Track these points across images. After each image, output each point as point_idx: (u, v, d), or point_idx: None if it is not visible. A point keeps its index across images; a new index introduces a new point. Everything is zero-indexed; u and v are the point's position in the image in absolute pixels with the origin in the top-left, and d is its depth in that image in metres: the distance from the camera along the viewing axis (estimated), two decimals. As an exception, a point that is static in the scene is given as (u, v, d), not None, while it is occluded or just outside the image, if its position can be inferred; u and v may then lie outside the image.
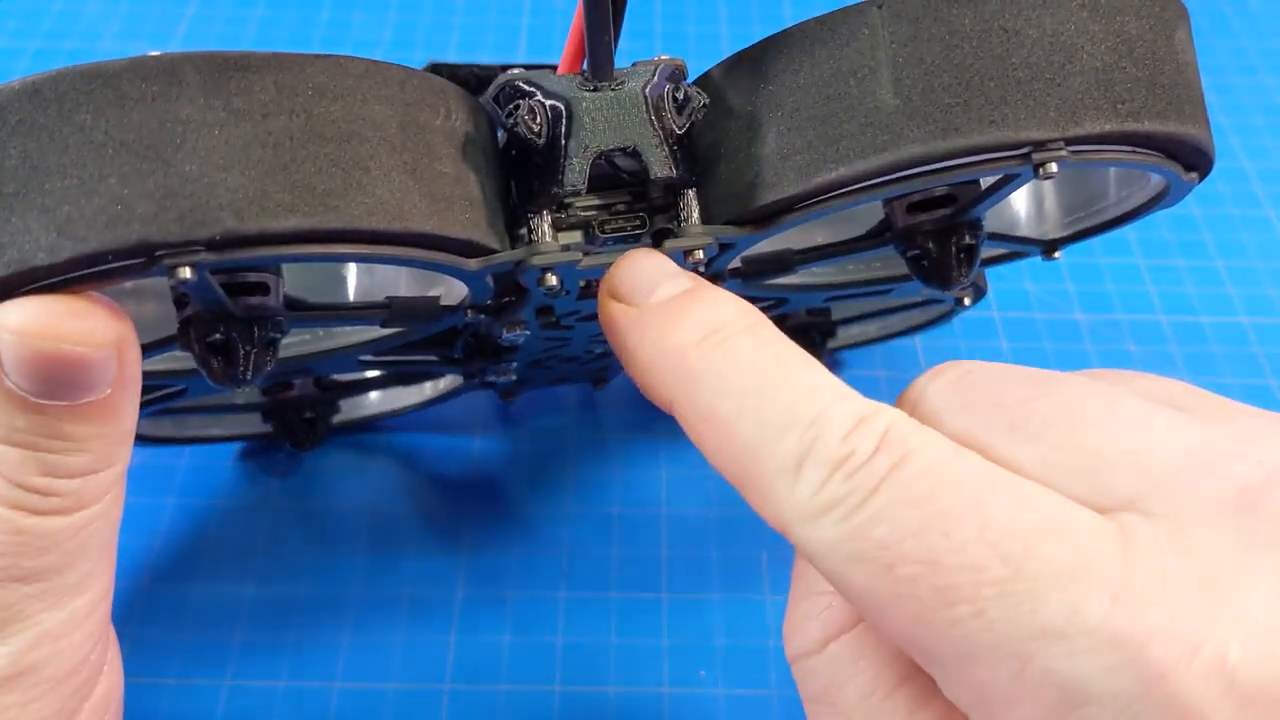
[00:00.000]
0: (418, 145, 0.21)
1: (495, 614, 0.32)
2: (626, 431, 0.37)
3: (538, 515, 0.35)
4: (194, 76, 0.19)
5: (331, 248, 0.20)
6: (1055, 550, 0.16)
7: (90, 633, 0.21)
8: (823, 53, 0.22)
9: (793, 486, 0.18)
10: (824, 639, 0.21)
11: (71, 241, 0.18)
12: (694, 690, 0.31)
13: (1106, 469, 0.18)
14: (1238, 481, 0.17)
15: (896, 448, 0.18)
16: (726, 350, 0.20)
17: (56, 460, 0.19)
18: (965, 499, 0.17)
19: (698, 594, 0.33)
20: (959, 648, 0.17)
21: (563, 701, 0.31)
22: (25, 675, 0.20)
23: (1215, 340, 0.41)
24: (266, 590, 0.33)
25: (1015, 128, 0.21)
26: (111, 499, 0.21)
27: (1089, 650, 0.16)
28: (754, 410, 0.19)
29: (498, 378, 0.33)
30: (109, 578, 0.22)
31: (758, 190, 0.22)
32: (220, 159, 0.19)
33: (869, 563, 0.17)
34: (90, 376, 0.19)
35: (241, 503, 0.35)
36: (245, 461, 0.36)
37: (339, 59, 0.20)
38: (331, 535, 0.34)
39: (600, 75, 0.22)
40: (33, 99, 0.18)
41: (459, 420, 0.37)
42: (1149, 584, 0.16)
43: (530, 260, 0.22)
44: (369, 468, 0.36)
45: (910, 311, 0.37)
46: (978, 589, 0.16)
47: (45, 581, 0.20)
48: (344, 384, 0.35)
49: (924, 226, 0.26)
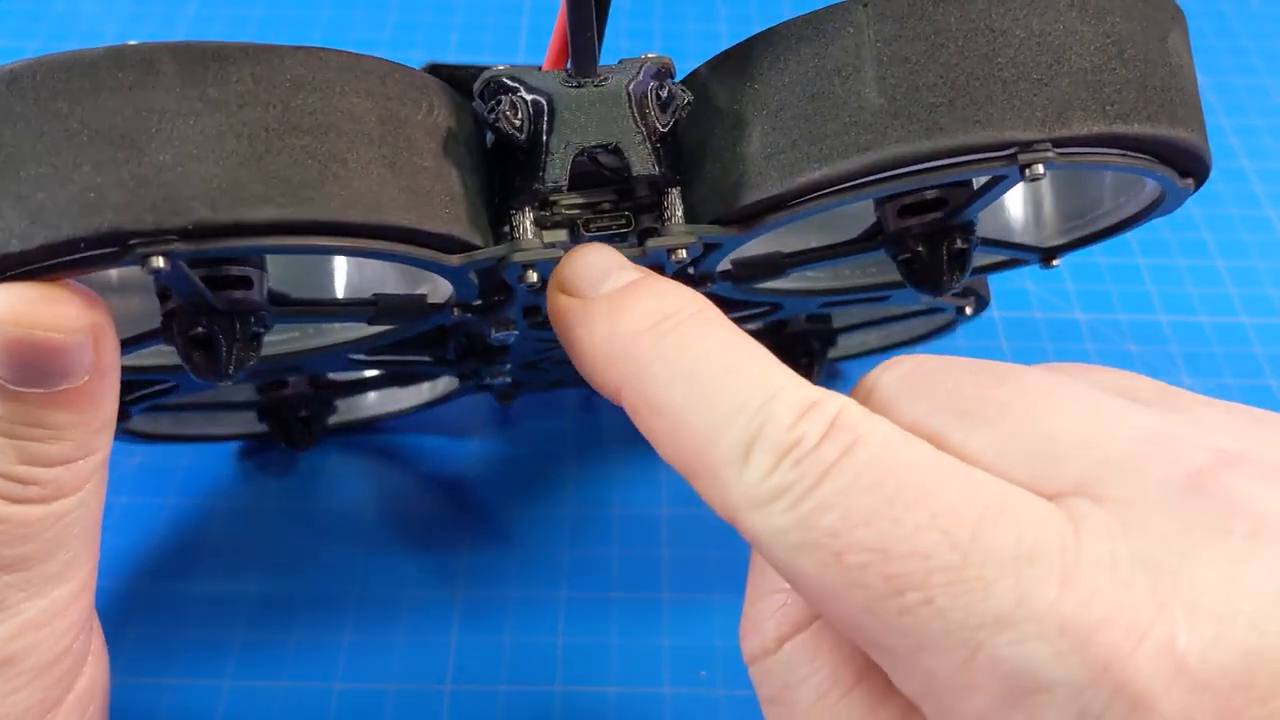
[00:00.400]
0: (397, 139, 0.21)
1: (495, 614, 0.32)
2: (626, 432, 0.37)
3: (538, 516, 0.35)
4: (171, 66, 0.19)
5: (306, 239, 0.20)
6: (1004, 536, 0.16)
7: (73, 621, 0.21)
8: (808, 51, 0.21)
9: (740, 473, 0.18)
10: (779, 639, 0.20)
11: (44, 229, 0.18)
12: (694, 691, 0.31)
13: (1058, 456, 0.18)
14: (1187, 466, 0.17)
15: (845, 434, 0.18)
16: (676, 337, 0.20)
17: (35, 448, 0.19)
18: (914, 485, 0.17)
19: (698, 594, 0.33)
20: (909, 637, 0.17)
21: (563, 701, 0.31)
22: (7, 665, 0.20)
23: (1215, 340, 0.41)
24: (266, 590, 0.33)
25: (1001, 128, 0.21)
26: (92, 487, 0.21)
27: (1038, 637, 0.16)
28: (702, 396, 0.19)
29: (492, 379, 0.33)
30: (91, 566, 0.22)
31: (742, 190, 0.22)
32: (194, 149, 0.18)
33: (817, 551, 0.17)
34: (66, 363, 0.19)
35: (241, 503, 0.35)
36: (245, 462, 0.36)
37: (319, 51, 0.20)
38: (331, 535, 0.34)
39: (583, 72, 0.22)
40: (10, 87, 0.18)
41: (459, 421, 0.37)
42: (1098, 569, 0.16)
43: (512, 257, 0.22)
44: (369, 468, 0.36)
45: (911, 321, 0.37)
46: (927, 576, 0.16)
47: (26, 570, 0.20)
48: (339, 384, 0.35)
49: (915, 230, 0.25)
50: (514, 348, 0.29)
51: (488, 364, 0.31)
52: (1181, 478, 0.17)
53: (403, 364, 0.32)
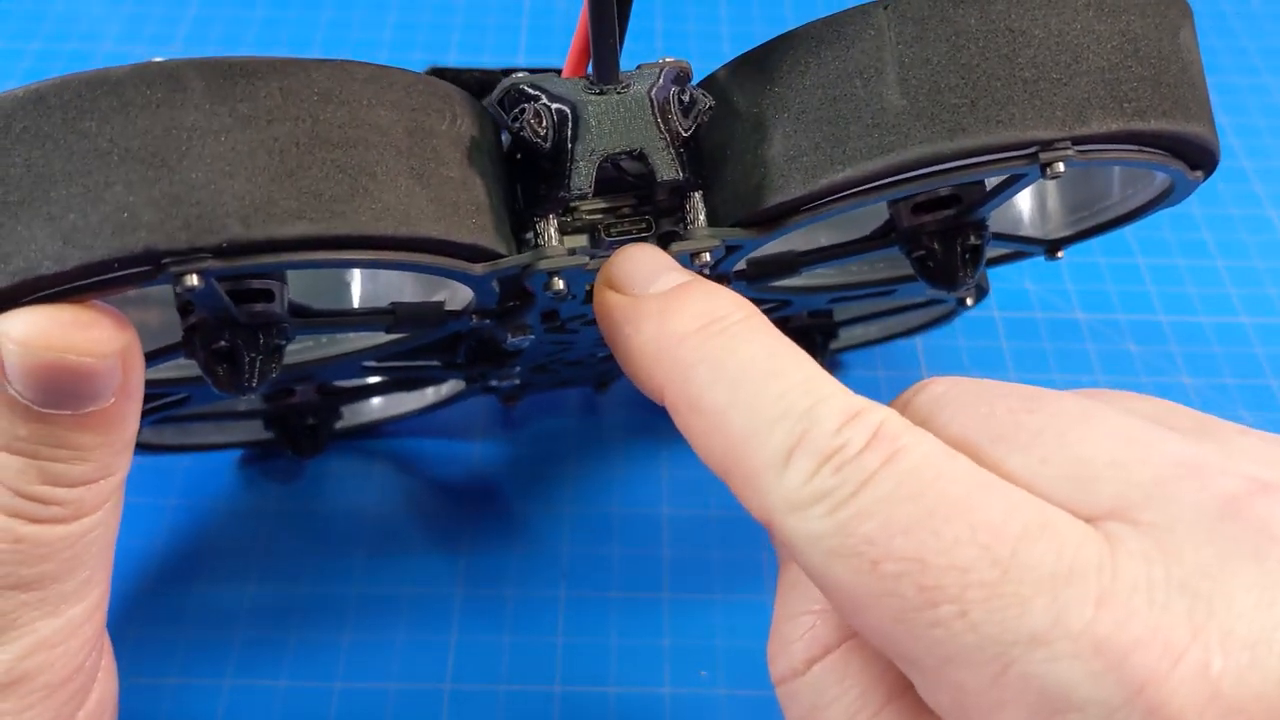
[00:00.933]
0: (424, 150, 0.21)
1: (495, 614, 0.32)
2: (627, 432, 0.37)
3: (538, 515, 0.35)
4: (199, 82, 0.19)
5: (339, 254, 0.20)
6: (1044, 554, 0.16)
7: (86, 640, 0.21)
8: (829, 54, 0.22)
9: (780, 476, 0.18)
10: (808, 660, 0.20)
11: (78, 250, 0.18)
12: (695, 691, 0.31)
13: (1093, 479, 0.18)
14: (1222, 493, 0.17)
15: (888, 444, 0.18)
16: (723, 340, 0.20)
17: (58, 469, 0.19)
18: (956, 499, 0.17)
19: (698, 594, 0.33)
20: (940, 649, 0.17)
21: (563, 701, 0.31)
22: (20, 683, 0.20)
23: (1215, 340, 0.41)
24: (266, 590, 0.33)
25: (1022, 128, 0.21)
26: (111, 507, 0.21)
27: (1072, 656, 0.16)
28: (746, 400, 0.19)
29: (501, 382, 0.32)
30: (105, 585, 0.22)
31: (764, 192, 0.22)
32: (226, 165, 0.18)
33: (853, 558, 0.17)
34: (95, 386, 0.19)
35: (242, 503, 0.35)
36: (245, 462, 0.36)
37: (344, 64, 0.20)
38: (331, 535, 0.34)
39: (606, 78, 0.22)
40: (37, 106, 0.18)
41: (459, 421, 0.37)
42: (1134, 592, 0.16)
43: (537, 265, 0.22)
44: (369, 468, 0.36)
45: (912, 312, 0.37)
46: (964, 590, 0.16)
47: (42, 589, 0.20)
48: (346, 390, 0.35)
49: (929, 227, 0.26)
50: (527, 351, 0.29)
51: (498, 367, 0.31)
52: (1216, 504, 0.17)
53: (413, 369, 0.32)
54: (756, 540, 0.34)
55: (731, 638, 0.32)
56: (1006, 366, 0.40)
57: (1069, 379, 0.39)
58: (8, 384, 0.18)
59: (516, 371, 0.31)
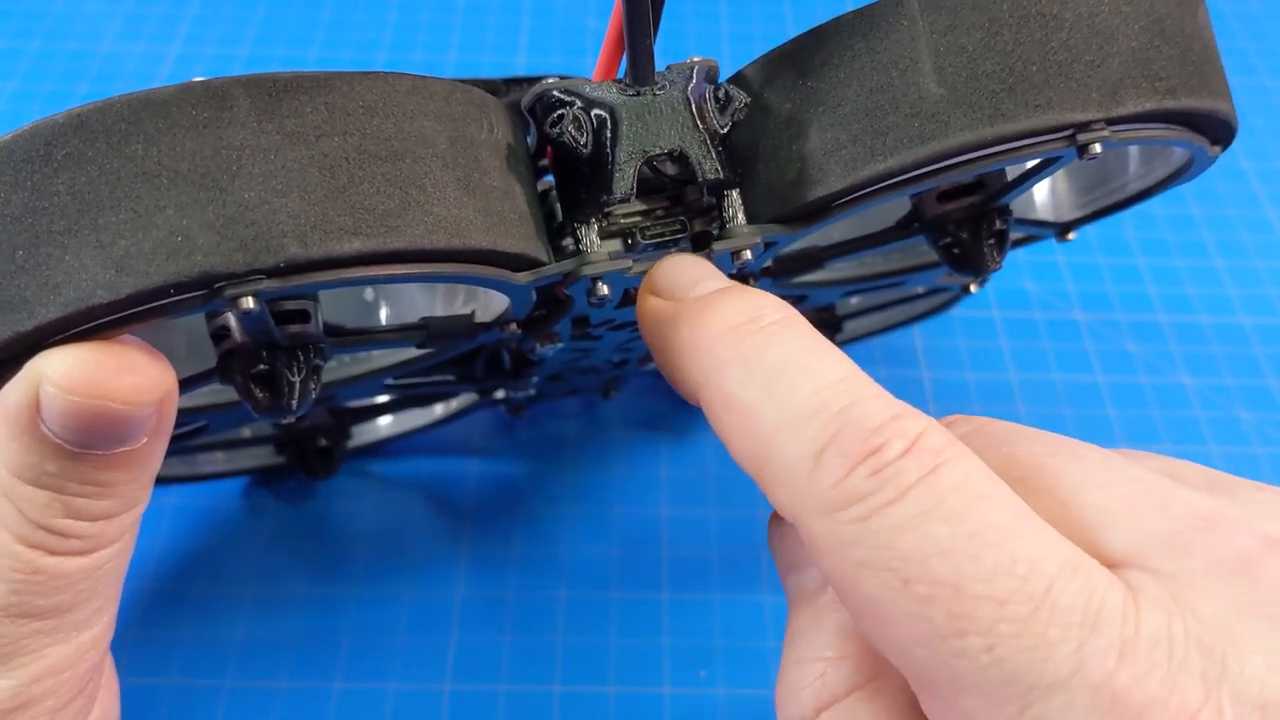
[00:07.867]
0: (467, 160, 0.20)
1: (495, 614, 0.32)
2: (627, 432, 0.37)
3: (538, 515, 0.35)
4: (245, 100, 0.18)
5: (393, 269, 0.19)
6: (1075, 596, 0.16)
7: (92, 665, 0.21)
8: (862, 45, 0.22)
9: (811, 474, 0.18)
10: (817, 708, 0.20)
11: (132, 278, 0.17)
12: (694, 690, 0.31)
13: (1111, 527, 0.18)
14: (1236, 550, 0.17)
15: (929, 456, 0.17)
16: (758, 338, 0.20)
17: (81, 504, 0.19)
18: (999, 525, 0.17)
19: (698, 594, 0.33)
20: (960, 679, 0.16)
21: (563, 701, 0.31)
22: (27, 707, 0.20)
23: (1215, 340, 0.41)
24: (266, 590, 0.33)
25: (1061, 110, 0.21)
26: (128, 538, 0.21)
27: (1089, 707, 0.16)
28: (778, 395, 0.19)
29: (515, 394, 0.32)
30: (114, 611, 0.22)
31: (802, 187, 0.22)
32: (278, 184, 0.18)
33: (884, 573, 0.17)
34: (131, 431, 0.19)
35: (241, 503, 0.35)
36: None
37: (385, 75, 0.20)
38: (331, 535, 0.34)
39: (641, 80, 0.22)
40: (79, 131, 0.18)
41: (459, 424, 0.37)
42: (1155, 646, 0.16)
43: (581, 270, 0.22)
44: (368, 469, 0.36)
45: (913, 302, 0.37)
46: (995, 623, 0.16)
47: (55, 619, 0.20)
48: (357, 410, 0.34)
49: (954, 215, 0.26)
50: (547, 360, 0.29)
51: (515, 379, 0.30)
52: (1230, 561, 0.17)
53: (428, 385, 0.31)
54: (756, 540, 0.34)
55: (731, 637, 0.32)
56: (1006, 366, 0.40)
57: (1069, 379, 0.39)
58: (42, 423, 0.18)
59: (533, 382, 0.31)
